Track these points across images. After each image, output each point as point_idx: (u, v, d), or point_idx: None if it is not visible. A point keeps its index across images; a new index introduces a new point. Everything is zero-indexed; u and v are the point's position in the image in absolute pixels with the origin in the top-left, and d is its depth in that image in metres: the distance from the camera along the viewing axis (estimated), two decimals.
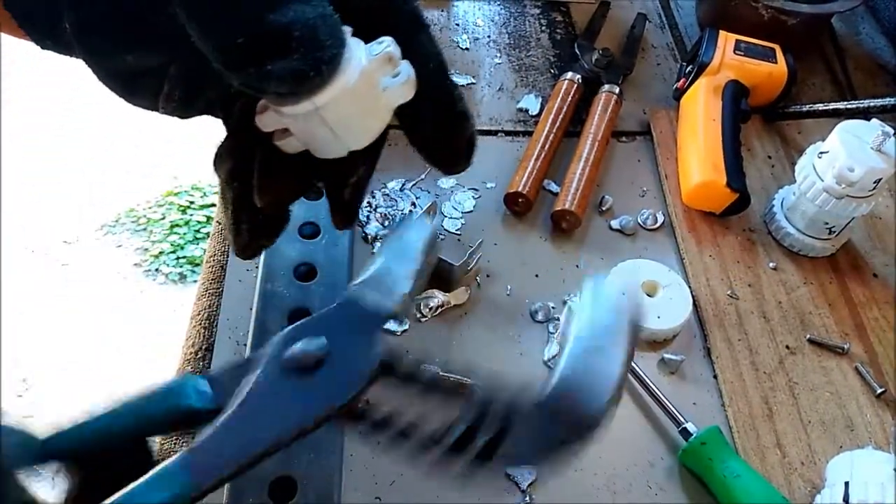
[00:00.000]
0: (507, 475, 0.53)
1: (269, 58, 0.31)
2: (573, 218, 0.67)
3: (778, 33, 0.81)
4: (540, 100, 0.80)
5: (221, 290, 0.60)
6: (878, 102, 0.73)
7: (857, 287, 0.67)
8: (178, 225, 2.10)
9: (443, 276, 0.62)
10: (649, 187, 0.74)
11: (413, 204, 0.69)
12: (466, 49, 0.86)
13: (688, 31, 0.92)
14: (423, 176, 0.71)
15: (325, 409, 0.32)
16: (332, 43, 0.33)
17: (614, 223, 0.70)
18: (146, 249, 2.02)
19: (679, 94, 0.79)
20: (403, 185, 0.70)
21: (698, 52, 0.78)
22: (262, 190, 0.39)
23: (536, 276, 0.65)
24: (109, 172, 2.21)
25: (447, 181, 0.71)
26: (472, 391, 0.31)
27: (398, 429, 0.31)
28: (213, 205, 2.11)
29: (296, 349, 0.34)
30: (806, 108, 0.78)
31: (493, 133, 0.77)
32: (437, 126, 0.42)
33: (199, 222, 2.11)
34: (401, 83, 0.36)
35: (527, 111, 0.79)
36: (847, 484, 0.49)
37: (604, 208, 0.71)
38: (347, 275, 0.57)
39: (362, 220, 0.67)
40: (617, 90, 0.77)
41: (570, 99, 0.77)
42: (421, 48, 0.41)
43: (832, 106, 0.76)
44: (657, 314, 0.61)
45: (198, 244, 2.03)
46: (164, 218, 2.11)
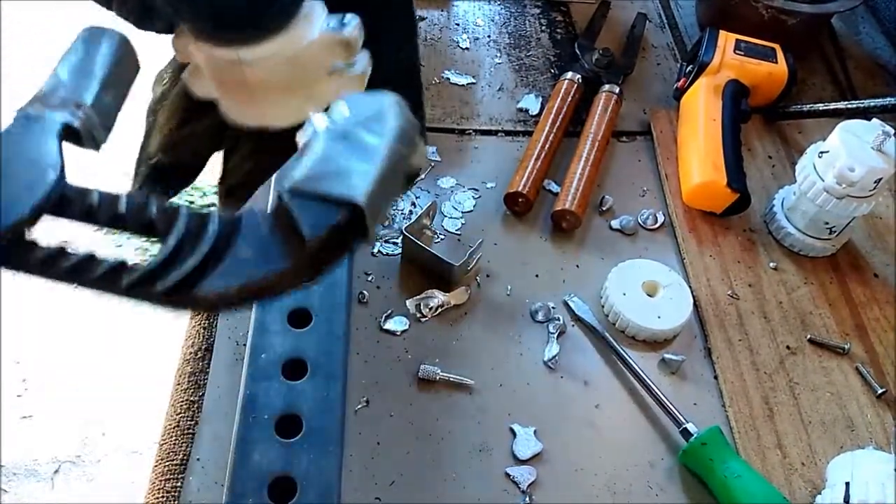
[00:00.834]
0: (507, 475, 0.53)
1: None
2: (573, 218, 0.67)
3: (778, 33, 0.81)
4: (540, 100, 0.80)
5: None
6: (879, 102, 0.73)
7: (857, 287, 0.67)
8: None
9: (443, 276, 0.62)
10: (649, 187, 0.74)
11: (413, 203, 0.68)
12: (466, 49, 0.85)
13: (688, 31, 0.92)
14: (422, 176, 0.71)
15: None
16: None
17: (614, 223, 0.70)
18: (146, 249, 2.01)
19: (679, 94, 0.79)
20: None
21: (698, 51, 0.78)
22: (161, 129, 0.33)
23: (536, 276, 0.65)
24: (109, 172, 2.21)
25: (447, 181, 0.71)
26: (179, 211, 0.25)
27: (73, 261, 0.24)
28: (214, 205, 2.11)
29: None
30: (806, 108, 0.78)
31: (493, 133, 0.77)
32: None
33: None
34: (351, 76, 0.31)
35: (527, 111, 0.79)
36: (848, 484, 0.49)
37: (604, 208, 0.71)
38: (347, 274, 0.57)
39: None
40: (617, 90, 0.77)
41: (570, 99, 0.77)
42: (394, 43, 0.35)
43: (832, 106, 0.76)
44: (657, 314, 0.61)
45: None
46: None
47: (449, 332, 0.60)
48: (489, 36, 0.88)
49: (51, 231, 0.26)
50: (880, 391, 0.60)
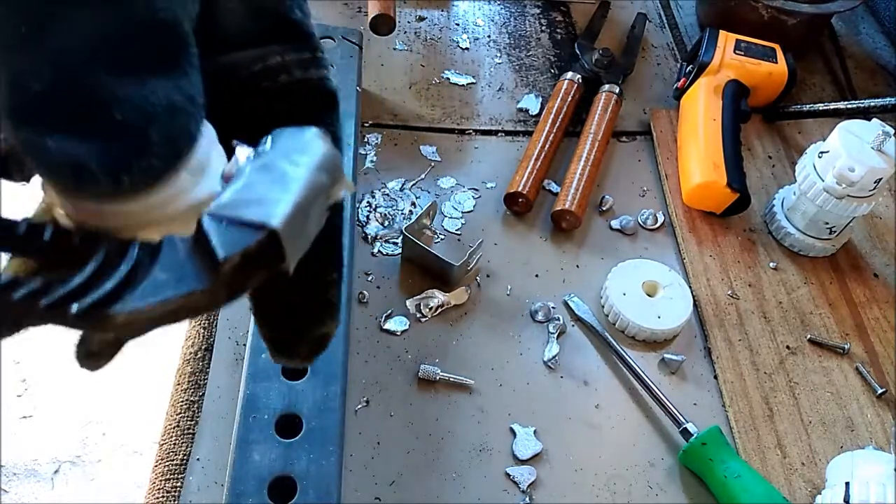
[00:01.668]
0: (507, 475, 0.53)
1: (61, 128, 0.23)
2: (573, 218, 0.67)
3: (778, 33, 0.81)
4: (540, 100, 0.80)
5: None
6: (879, 102, 0.73)
7: (857, 287, 0.67)
8: None
9: (443, 276, 0.62)
10: (649, 187, 0.74)
11: (413, 204, 0.68)
12: (466, 49, 0.85)
13: (688, 31, 0.92)
14: (423, 176, 0.71)
15: None
16: (160, 150, 0.24)
17: (614, 223, 0.70)
18: None
19: (679, 94, 0.79)
20: (403, 185, 0.70)
21: (698, 51, 0.78)
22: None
23: (536, 276, 0.65)
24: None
25: (447, 181, 0.71)
26: (101, 239, 0.25)
27: None
28: None
29: None
30: (806, 108, 0.78)
31: (493, 133, 0.77)
32: (289, 306, 0.31)
33: None
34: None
35: (527, 111, 0.79)
36: (848, 484, 0.49)
37: (604, 208, 0.71)
38: (347, 275, 0.56)
39: (362, 220, 0.67)
40: (617, 90, 0.77)
41: (570, 99, 0.77)
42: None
43: (832, 106, 0.76)
44: (657, 314, 0.61)
45: None
46: None
47: (449, 332, 0.60)
48: (489, 36, 0.88)
49: None
50: (880, 391, 0.60)
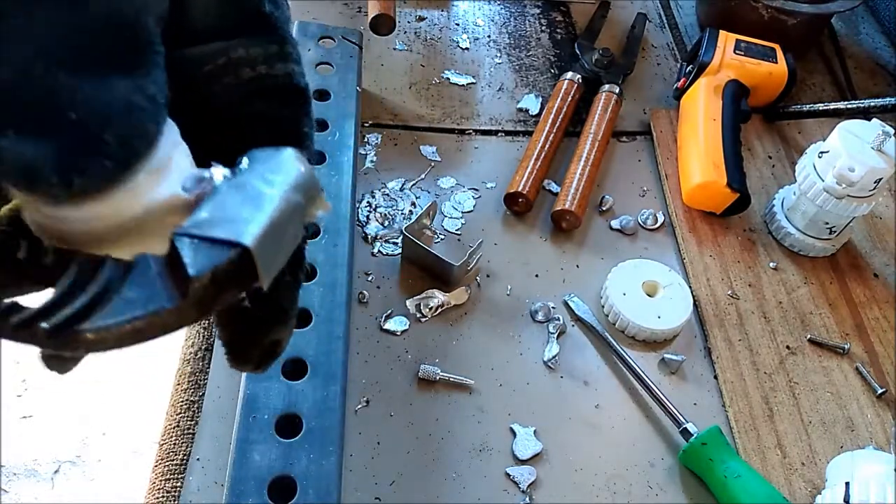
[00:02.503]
0: (507, 475, 0.53)
1: (15, 128, 0.22)
2: (573, 218, 0.67)
3: (778, 33, 0.81)
4: (540, 100, 0.80)
5: None
6: (879, 102, 0.73)
7: (857, 287, 0.67)
8: None
9: (443, 276, 0.62)
10: (649, 187, 0.74)
11: (413, 204, 0.68)
12: (466, 49, 0.85)
13: (688, 31, 0.92)
14: (423, 176, 0.71)
15: None
16: (116, 151, 0.24)
17: (614, 223, 0.70)
18: None
19: (679, 94, 0.79)
20: (403, 185, 0.70)
21: (698, 51, 0.78)
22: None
23: (536, 276, 0.65)
24: None
25: (447, 181, 0.71)
26: (74, 258, 0.25)
27: None
28: None
29: None
30: (806, 108, 0.78)
31: (493, 133, 0.77)
32: (240, 310, 0.30)
33: None
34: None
35: (527, 111, 0.79)
36: (848, 484, 0.49)
37: (604, 208, 0.71)
38: (347, 275, 0.56)
39: (362, 220, 0.67)
40: (617, 90, 0.77)
41: (570, 99, 0.77)
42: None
43: (832, 106, 0.76)
44: (657, 314, 0.61)
45: None
46: None
47: (449, 332, 0.60)
48: (489, 36, 0.88)
49: None
50: (880, 391, 0.60)
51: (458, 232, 0.67)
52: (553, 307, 0.63)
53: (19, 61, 0.22)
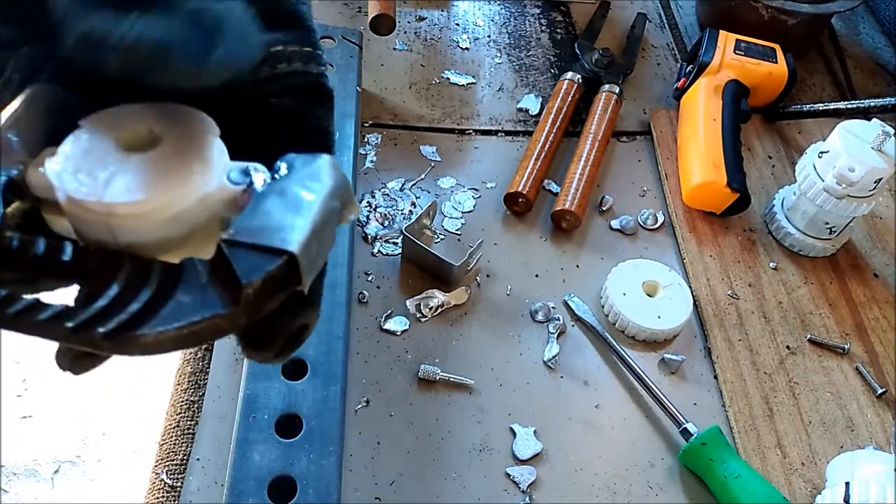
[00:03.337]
0: (507, 475, 0.53)
1: (140, 7, 0.23)
2: (573, 218, 0.67)
3: (778, 33, 0.81)
4: (540, 100, 0.80)
5: None
6: (879, 102, 0.73)
7: (857, 287, 0.67)
8: None
9: (443, 276, 0.62)
10: (649, 187, 0.74)
11: (413, 204, 0.68)
12: (466, 49, 0.85)
13: (688, 31, 0.92)
14: (422, 176, 0.71)
15: None
16: (232, 48, 0.25)
17: (614, 223, 0.70)
18: None
19: (679, 94, 0.79)
20: (403, 184, 0.70)
21: (698, 51, 0.78)
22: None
23: (536, 276, 0.65)
24: None
25: (447, 181, 0.71)
26: (124, 261, 0.25)
27: (18, 307, 0.24)
28: None
29: None
30: (806, 108, 0.78)
31: (493, 133, 0.77)
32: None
33: None
34: None
35: (527, 111, 0.79)
36: (848, 484, 0.49)
37: (604, 208, 0.71)
38: (347, 275, 0.57)
39: (362, 220, 0.67)
40: (617, 90, 0.77)
41: (570, 99, 0.77)
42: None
43: (832, 106, 0.76)
44: (657, 314, 0.61)
45: None
46: None
47: (449, 332, 0.60)
48: (489, 36, 0.88)
49: None
50: (880, 391, 0.60)
51: (458, 232, 0.67)
52: (553, 307, 0.63)
53: None
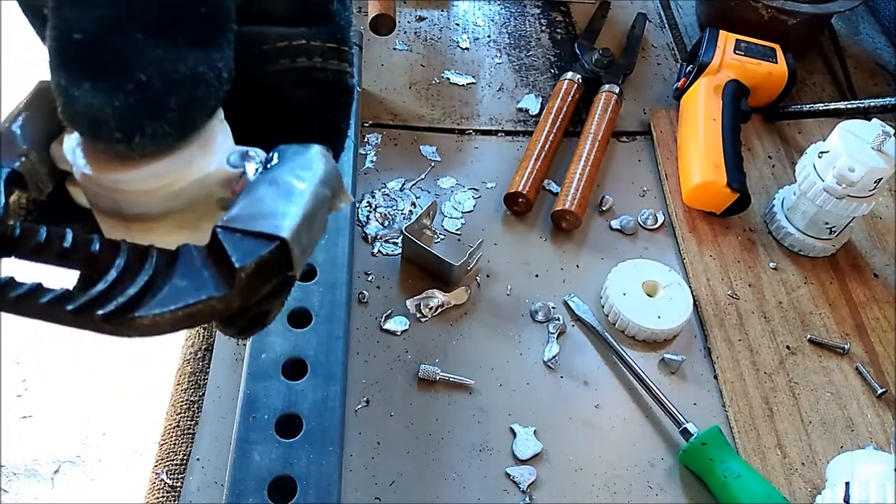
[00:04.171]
0: (507, 475, 0.53)
1: (89, 78, 0.24)
2: (573, 218, 0.67)
3: (778, 33, 0.81)
4: (540, 100, 0.80)
5: None
6: (879, 102, 0.73)
7: (857, 287, 0.67)
8: None
9: (443, 276, 0.62)
10: (649, 187, 0.74)
11: (413, 204, 0.68)
12: (466, 49, 0.85)
13: (688, 31, 0.92)
14: (422, 176, 0.71)
15: None
16: (176, 117, 0.25)
17: (614, 223, 0.70)
18: None
19: (679, 94, 0.79)
20: (403, 185, 0.70)
21: (698, 51, 0.78)
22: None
23: (536, 276, 0.65)
24: None
25: (447, 181, 0.71)
26: (121, 246, 0.27)
27: (21, 291, 0.25)
28: None
29: None
30: (806, 108, 0.78)
31: (493, 133, 0.77)
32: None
33: None
34: None
35: (527, 111, 0.79)
36: (848, 484, 0.49)
37: (604, 208, 0.71)
38: (347, 275, 0.56)
39: (362, 220, 0.67)
40: (617, 90, 0.77)
41: (570, 99, 0.77)
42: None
43: (832, 106, 0.76)
44: (657, 314, 0.61)
45: None
46: None
47: (449, 332, 0.60)
48: (489, 36, 0.88)
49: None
50: (880, 391, 0.60)
51: (458, 232, 0.67)
52: (553, 307, 0.62)
53: (103, 18, 0.24)
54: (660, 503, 0.53)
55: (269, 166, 0.29)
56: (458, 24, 0.88)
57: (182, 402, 0.55)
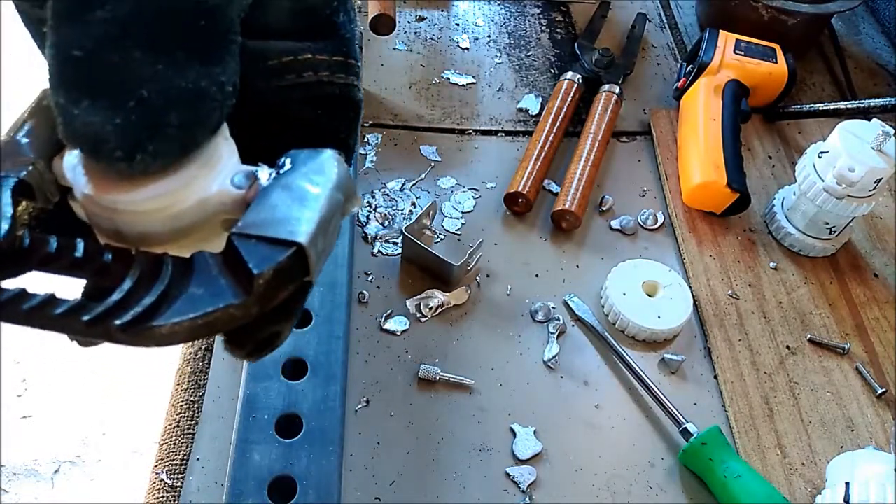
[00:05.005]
0: (507, 475, 0.53)
1: (89, 96, 0.24)
2: (573, 218, 0.67)
3: (778, 33, 0.81)
4: (540, 100, 0.80)
5: None
6: (879, 102, 0.73)
7: (857, 287, 0.67)
8: None
9: (443, 276, 0.62)
10: (649, 187, 0.74)
11: (413, 204, 0.68)
12: (466, 49, 0.85)
13: (688, 31, 0.92)
14: (422, 176, 0.71)
15: None
16: (176, 134, 0.25)
17: (614, 223, 0.70)
18: None
19: (679, 94, 0.79)
20: (403, 184, 0.70)
21: (698, 51, 0.78)
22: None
23: (536, 276, 0.65)
24: None
25: (447, 181, 0.71)
26: (136, 256, 0.26)
27: (34, 302, 0.25)
28: None
29: None
30: (806, 108, 0.78)
31: (493, 133, 0.77)
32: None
33: None
34: None
35: (527, 111, 0.79)
36: (848, 484, 0.49)
37: (604, 208, 0.71)
38: (347, 275, 0.56)
39: (362, 220, 0.67)
40: (617, 90, 0.77)
41: (570, 99, 0.77)
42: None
43: (832, 106, 0.76)
44: (657, 314, 0.61)
45: None
46: None
47: (449, 332, 0.60)
48: (489, 36, 0.88)
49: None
50: (880, 391, 0.60)
51: (458, 232, 0.67)
52: (553, 307, 0.62)
53: (101, 35, 0.23)
54: (660, 503, 0.53)
55: (281, 171, 0.28)
56: (458, 24, 0.88)
57: (182, 401, 0.55)
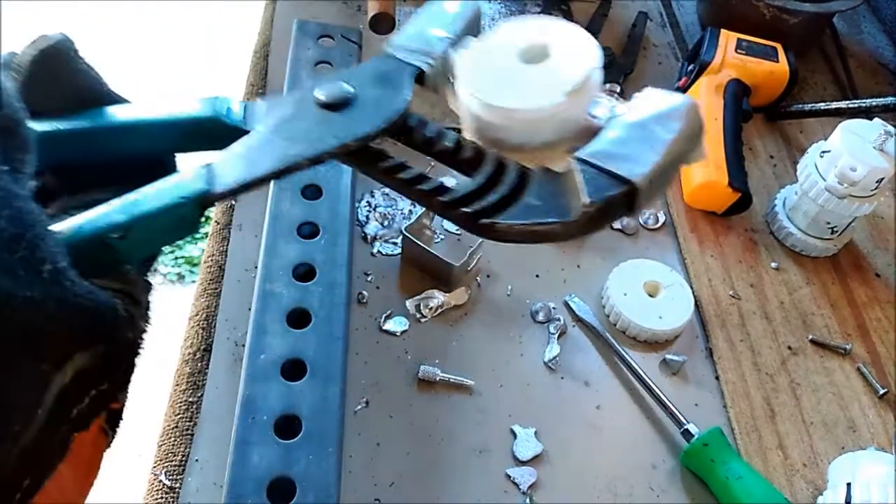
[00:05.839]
0: (508, 476, 0.53)
1: None
2: None
3: (780, 32, 0.81)
4: None
5: (220, 291, 0.60)
6: (880, 101, 0.73)
7: (859, 287, 0.67)
8: None
9: (443, 276, 0.62)
10: None
11: (413, 204, 0.68)
12: None
13: (689, 30, 0.92)
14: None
15: (346, 137, 0.33)
16: None
17: (615, 223, 0.69)
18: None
19: (680, 93, 0.78)
20: None
21: (700, 50, 0.78)
22: None
23: (537, 276, 0.65)
24: None
25: (448, 181, 0.71)
26: (487, 156, 0.31)
27: (409, 175, 0.31)
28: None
29: (327, 87, 0.34)
30: (808, 108, 0.78)
31: None
32: None
33: None
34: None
35: None
36: (849, 485, 0.49)
37: None
38: (347, 275, 0.56)
39: (362, 220, 0.66)
40: (618, 89, 0.77)
41: None
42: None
43: (834, 105, 0.76)
44: (659, 315, 0.61)
45: (196, 244, 2.03)
46: None
47: (449, 332, 0.60)
48: None
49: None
50: (882, 392, 0.60)
51: (458, 232, 0.67)
52: (554, 308, 0.62)
53: None
54: None
55: (633, 105, 0.31)
56: None
57: (181, 402, 0.55)
